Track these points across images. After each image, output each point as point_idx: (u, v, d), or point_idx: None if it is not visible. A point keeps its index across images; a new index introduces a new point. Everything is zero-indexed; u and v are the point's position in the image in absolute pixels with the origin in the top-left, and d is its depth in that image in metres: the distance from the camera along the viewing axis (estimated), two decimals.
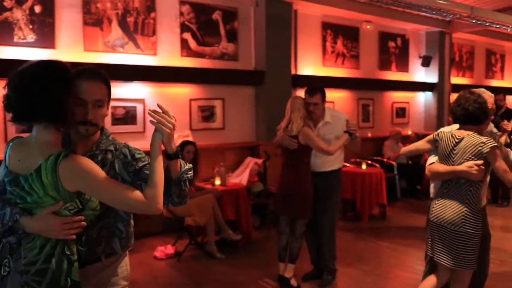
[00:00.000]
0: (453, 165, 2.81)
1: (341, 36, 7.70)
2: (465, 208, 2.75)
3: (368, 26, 7.93)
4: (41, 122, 1.57)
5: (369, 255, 4.96)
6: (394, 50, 8.66)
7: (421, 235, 5.52)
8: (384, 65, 8.50)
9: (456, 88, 9.46)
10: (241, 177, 5.74)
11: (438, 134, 2.96)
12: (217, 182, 5.12)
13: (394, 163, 7.47)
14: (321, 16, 7.42)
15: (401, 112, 8.91)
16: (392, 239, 5.53)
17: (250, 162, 5.99)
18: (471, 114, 2.79)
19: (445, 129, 3.02)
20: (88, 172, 1.56)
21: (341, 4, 6.94)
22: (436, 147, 2.96)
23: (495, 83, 11.05)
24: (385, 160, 7.57)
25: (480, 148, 2.71)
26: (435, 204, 2.90)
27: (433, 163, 2.98)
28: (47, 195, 1.56)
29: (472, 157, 2.73)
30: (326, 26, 7.51)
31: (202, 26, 6.10)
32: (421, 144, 3.11)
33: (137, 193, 1.60)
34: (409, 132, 8.71)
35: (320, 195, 3.95)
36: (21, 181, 1.56)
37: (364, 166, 6.55)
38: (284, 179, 3.98)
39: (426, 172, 2.99)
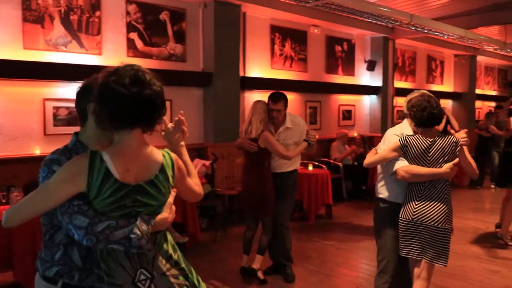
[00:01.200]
0: (429, 166, 2.93)
1: (289, 40, 7.82)
2: (447, 206, 2.94)
3: (316, 30, 8.10)
4: (136, 127, 1.57)
5: (315, 254, 5.07)
6: (340, 54, 8.90)
7: (366, 235, 5.72)
8: (331, 68, 8.71)
9: (399, 91, 9.86)
10: None
11: (404, 140, 2.98)
12: None
13: (340, 164, 7.66)
14: (269, 19, 7.50)
15: (347, 114, 9.16)
16: (338, 239, 5.67)
17: (198, 164, 5.96)
18: (436, 117, 2.96)
19: (406, 130, 3.13)
20: (183, 163, 1.78)
21: (289, 8, 7.06)
22: (404, 153, 2.98)
23: (435, 87, 11.58)
24: (331, 161, 7.74)
25: (454, 147, 2.92)
26: (416, 205, 2.95)
27: (407, 166, 2.98)
28: (168, 192, 1.63)
29: (451, 157, 2.91)
30: (275, 29, 7.61)
31: (149, 26, 6.02)
32: (387, 153, 3.06)
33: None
34: (355, 134, 8.96)
35: (278, 195, 4.14)
36: (146, 187, 1.56)
37: (311, 167, 6.68)
38: (246, 180, 4.17)
39: (402, 173, 2.95)
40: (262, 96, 7.40)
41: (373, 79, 9.41)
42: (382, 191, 3.24)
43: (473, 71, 12.29)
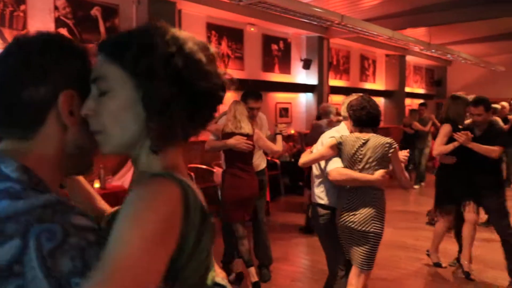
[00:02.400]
0: (361, 165, 2.90)
1: (225, 38, 7.84)
2: (373, 210, 2.88)
3: (252, 29, 8.18)
4: None
5: (251, 250, 5.12)
6: (277, 52, 9.04)
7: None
8: (268, 67, 8.83)
9: (334, 89, 10.16)
10: (123, 179, 5.58)
11: (340, 138, 3.00)
12: (96, 185, 4.92)
13: (278, 161, 7.79)
14: (205, 17, 7.48)
15: (284, 112, 9.33)
16: (276, 234, 5.76)
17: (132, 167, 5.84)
18: (375, 117, 2.98)
19: (343, 132, 3.13)
20: None
21: (225, 6, 7.07)
22: (339, 150, 3.00)
23: (368, 85, 12.05)
24: (269, 158, 7.84)
25: (386, 149, 2.87)
26: (343, 209, 2.96)
27: (340, 167, 2.99)
28: None
29: (381, 158, 2.88)
30: (211, 27, 7.60)
31: (79, 22, 5.81)
32: (325, 152, 3.05)
33: None
34: (292, 131, 9.14)
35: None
36: None
37: None
38: (239, 184, 3.85)
39: (335, 174, 2.96)
40: None
41: (309, 78, 9.64)
42: (322, 197, 3.20)
43: (402, 70, 12.90)
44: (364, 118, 2.96)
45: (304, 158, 3.19)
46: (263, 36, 8.66)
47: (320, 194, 3.22)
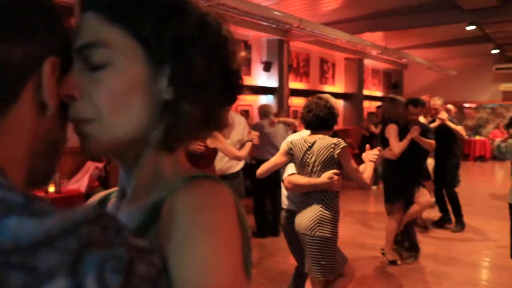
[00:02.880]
0: (309, 169, 2.83)
1: None
2: (319, 214, 2.77)
3: None
4: None
5: None
6: None
7: None
8: None
9: (294, 92, 10.28)
10: (80, 183, 5.45)
11: (291, 143, 2.94)
12: (51, 189, 4.79)
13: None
14: None
15: (245, 114, 9.35)
16: None
17: (91, 167, 5.72)
18: (322, 120, 2.86)
19: (295, 137, 3.10)
20: None
21: None
22: (292, 155, 2.95)
23: (328, 88, 12.25)
24: None
25: (332, 149, 2.76)
26: (297, 212, 2.92)
27: (293, 173, 2.96)
28: None
29: (328, 160, 2.78)
30: None
31: None
32: (278, 159, 3.03)
33: None
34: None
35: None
36: None
37: None
38: None
39: (286, 183, 2.94)
40: None
41: (270, 80, 9.71)
42: (284, 200, 3.20)
43: (361, 74, 13.20)
44: (310, 121, 2.90)
45: (260, 169, 3.11)
46: None
47: (283, 198, 3.24)
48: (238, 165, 4.46)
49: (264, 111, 6.16)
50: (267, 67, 9.54)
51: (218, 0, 4.88)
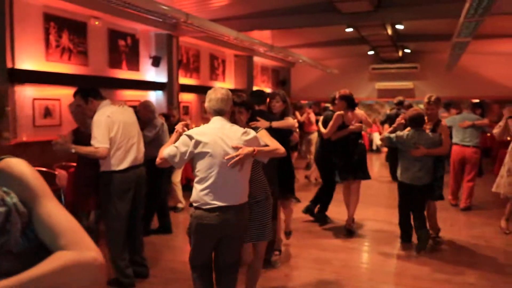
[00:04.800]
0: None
1: (66, 31, 7.31)
2: (263, 183, 3.31)
3: (97, 23, 7.77)
4: None
5: None
6: (124, 48, 8.73)
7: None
8: (115, 63, 8.49)
9: (184, 88, 10.21)
10: None
11: (192, 132, 3.03)
12: None
13: None
14: (42, 7, 6.87)
15: (134, 110, 9.04)
16: None
17: None
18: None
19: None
20: None
21: None
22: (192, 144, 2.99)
23: (218, 84, 12.32)
24: None
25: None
26: None
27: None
28: None
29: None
30: (49, 18, 7.01)
31: None
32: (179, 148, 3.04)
33: None
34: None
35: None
36: None
37: None
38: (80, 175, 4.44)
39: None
40: (39, 91, 6.78)
41: (159, 75, 9.51)
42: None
43: (250, 70, 13.51)
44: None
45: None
46: (109, 30, 8.28)
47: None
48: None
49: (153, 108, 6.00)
50: (156, 62, 9.33)
51: None
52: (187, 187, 8.56)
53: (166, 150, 2.96)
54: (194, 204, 3.00)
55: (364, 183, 6.07)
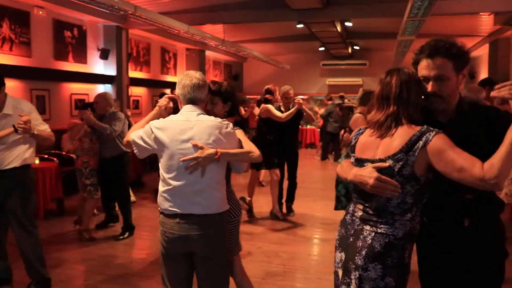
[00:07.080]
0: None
1: (7, 20, 6.99)
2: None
3: (41, 12, 7.49)
4: None
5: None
6: (71, 40, 8.45)
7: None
8: (61, 55, 8.20)
9: (134, 81, 10.02)
10: None
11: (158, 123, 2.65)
12: None
13: (74, 156, 7.32)
14: None
15: (81, 104, 8.80)
16: (67, 234, 5.47)
17: None
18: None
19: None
20: None
21: None
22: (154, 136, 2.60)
23: (169, 78, 12.19)
24: (64, 153, 7.34)
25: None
26: None
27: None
28: None
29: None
30: None
31: None
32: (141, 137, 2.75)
33: None
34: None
35: None
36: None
37: (37, 161, 6.18)
38: None
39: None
40: None
41: (107, 68, 9.29)
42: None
43: (202, 64, 13.41)
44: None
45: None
46: (54, 21, 7.99)
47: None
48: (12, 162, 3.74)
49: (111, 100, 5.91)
50: (104, 54, 9.10)
51: None
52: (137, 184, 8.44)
53: (132, 135, 2.59)
54: (159, 208, 2.62)
55: (313, 177, 6.21)
